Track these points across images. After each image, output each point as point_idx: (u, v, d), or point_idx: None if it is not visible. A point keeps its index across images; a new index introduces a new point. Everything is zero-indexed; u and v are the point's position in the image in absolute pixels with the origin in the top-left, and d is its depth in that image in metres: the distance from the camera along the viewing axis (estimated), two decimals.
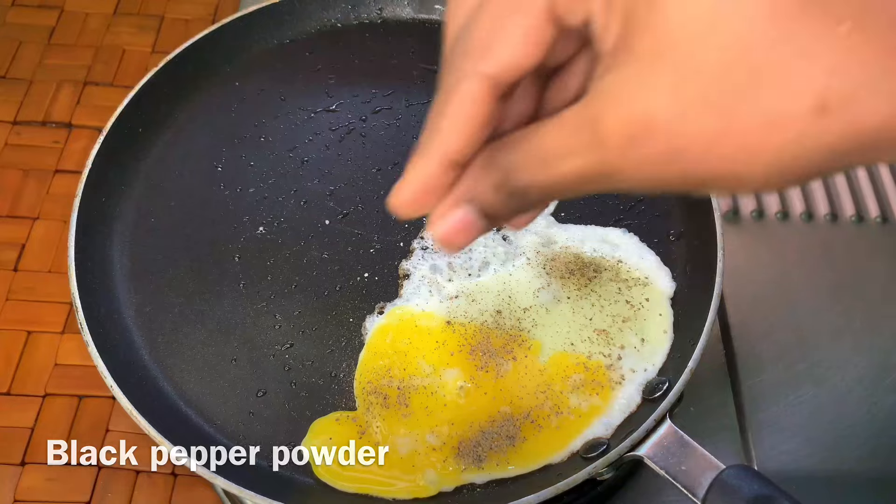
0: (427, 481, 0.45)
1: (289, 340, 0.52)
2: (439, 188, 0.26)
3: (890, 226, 0.69)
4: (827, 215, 0.69)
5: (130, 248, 0.56)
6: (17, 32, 0.85)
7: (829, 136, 0.20)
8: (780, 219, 0.69)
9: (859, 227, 0.69)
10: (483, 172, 0.26)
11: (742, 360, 0.61)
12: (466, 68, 0.24)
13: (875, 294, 0.64)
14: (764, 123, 0.20)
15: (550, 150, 0.24)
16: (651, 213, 0.56)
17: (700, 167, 0.22)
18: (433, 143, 0.25)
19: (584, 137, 0.23)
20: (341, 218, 0.57)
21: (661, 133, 0.21)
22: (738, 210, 0.70)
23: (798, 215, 0.69)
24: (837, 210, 0.70)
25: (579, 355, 0.49)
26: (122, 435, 0.61)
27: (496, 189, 0.26)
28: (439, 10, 0.68)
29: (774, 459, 0.56)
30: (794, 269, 0.66)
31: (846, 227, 0.69)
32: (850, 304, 0.63)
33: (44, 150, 0.77)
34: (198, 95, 0.63)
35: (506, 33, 0.24)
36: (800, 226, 0.69)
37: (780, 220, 0.69)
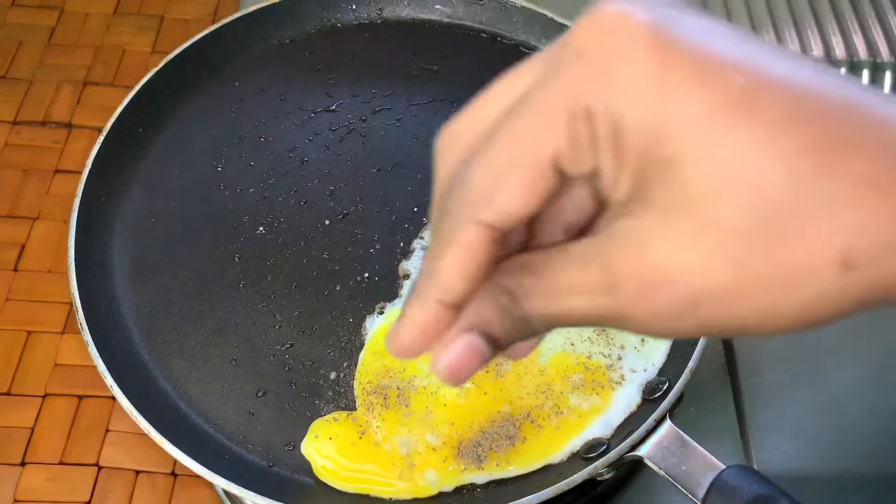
0: (427, 481, 0.45)
1: (289, 340, 0.52)
2: (438, 330, 0.25)
3: None
4: None
5: (130, 248, 0.56)
6: (17, 32, 0.85)
7: (854, 291, 0.21)
8: None
9: None
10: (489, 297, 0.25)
11: (742, 360, 0.61)
12: (464, 216, 0.24)
13: None
14: (787, 280, 0.20)
15: (559, 285, 0.23)
16: None
17: (719, 319, 0.22)
18: (430, 288, 0.25)
19: (596, 279, 0.22)
20: (341, 218, 0.57)
21: (678, 285, 0.21)
22: None
23: None
24: None
25: (579, 355, 0.49)
26: (123, 435, 0.61)
27: (502, 314, 0.25)
28: (439, 10, 0.68)
29: (774, 459, 0.56)
30: None
31: None
32: None
33: (44, 150, 0.77)
34: (198, 95, 0.63)
35: (507, 184, 0.23)
36: None
37: None
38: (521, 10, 0.65)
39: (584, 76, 0.22)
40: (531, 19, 0.65)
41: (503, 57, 0.65)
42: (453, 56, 0.65)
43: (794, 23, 0.75)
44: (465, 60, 0.65)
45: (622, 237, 0.22)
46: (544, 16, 0.64)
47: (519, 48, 0.66)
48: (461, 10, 0.67)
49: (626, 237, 0.22)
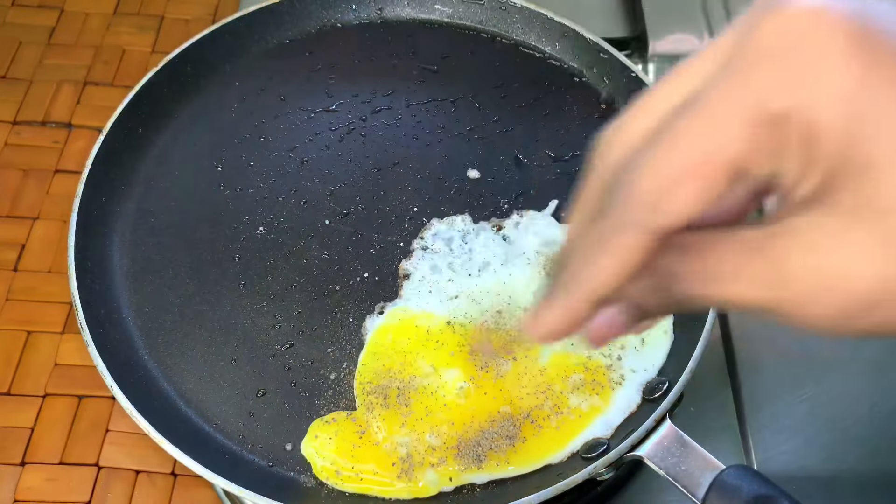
0: (427, 481, 0.45)
1: (289, 340, 0.52)
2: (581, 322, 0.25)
3: None
4: None
5: (130, 248, 0.56)
6: (17, 32, 0.85)
7: None
8: None
9: None
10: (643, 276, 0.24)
11: (742, 360, 0.61)
12: (631, 219, 0.23)
13: None
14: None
15: (723, 270, 0.23)
16: None
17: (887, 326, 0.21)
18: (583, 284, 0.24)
19: (765, 271, 0.22)
20: (341, 218, 0.57)
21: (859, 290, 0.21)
22: None
23: None
24: None
25: (579, 355, 0.49)
26: (122, 435, 0.61)
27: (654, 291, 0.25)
28: (439, 10, 0.68)
29: (774, 459, 0.56)
30: None
31: None
32: None
33: (44, 150, 0.77)
34: (198, 95, 0.63)
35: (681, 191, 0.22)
36: None
37: None
38: (521, 10, 0.65)
39: (774, 78, 0.21)
40: (531, 19, 0.65)
41: (503, 57, 0.65)
42: (453, 56, 0.65)
43: None
44: (465, 60, 0.65)
45: (799, 234, 0.22)
46: (544, 16, 0.64)
47: (519, 48, 0.66)
48: (461, 10, 0.67)
49: (803, 235, 0.21)
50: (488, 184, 0.58)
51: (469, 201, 0.57)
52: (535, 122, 0.61)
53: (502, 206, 0.57)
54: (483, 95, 0.63)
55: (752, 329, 0.62)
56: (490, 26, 0.67)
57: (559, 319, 0.25)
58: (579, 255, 0.25)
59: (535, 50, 0.66)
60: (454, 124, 0.61)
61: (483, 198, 0.57)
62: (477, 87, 0.63)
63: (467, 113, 0.62)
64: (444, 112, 0.62)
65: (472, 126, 0.61)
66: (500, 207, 0.57)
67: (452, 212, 0.56)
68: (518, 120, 0.61)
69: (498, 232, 0.55)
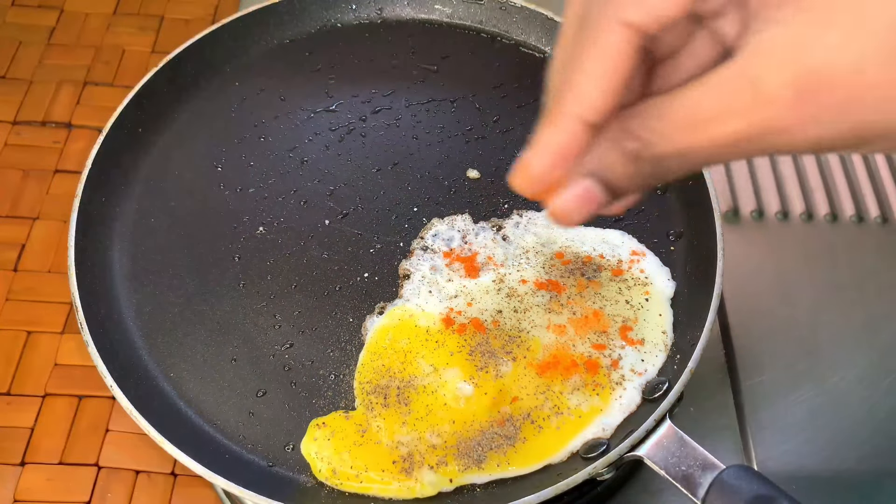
0: (427, 481, 0.45)
1: (289, 340, 0.52)
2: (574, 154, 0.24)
3: (890, 226, 0.69)
4: (827, 215, 0.69)
5: (130, 248, 0.56)
6: (17, 32, 0.85)
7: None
8: (781, 219, 0.69)
9: (859, 227, 0.69)
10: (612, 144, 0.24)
11: (742, 360, 0.61)
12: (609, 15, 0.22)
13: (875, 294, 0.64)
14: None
15: (703, 114, 0.22)
16: (651, 213, 0.56)
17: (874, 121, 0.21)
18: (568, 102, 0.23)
19: (745, 97, 0.22)
20: (341, 218, 0.57)
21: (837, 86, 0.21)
22: (738, 210, 0.70)
23: (798, 215, 0.69)
24: (837, 210, 0.70)
25: (579, 355, 0.49)
26: (122, 435, 0.61)
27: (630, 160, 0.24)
28: (439, 10, 0.68)
29: (774, 459, 0.56)
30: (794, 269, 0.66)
31: (846, 227, 0.69)
32: (850, 304, 0.63)
33: (44, 150, 0.77)
34: (198, 95, 0.63)
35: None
36: (800, 226, 0.69)
37: (780, 220, 0.69)
38: (521, 10, 0.65)
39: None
40: (530, 19, 0.65)
41: (503, 57, 0.65)
42: (453, 56, 0.65)
43: None
44: (465, 60, 0.65)
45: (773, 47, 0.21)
46: (543, 15, 0.64)
47: (518, 48, 0.66)
48: (461, 10, 0.67)
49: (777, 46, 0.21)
50: (488, 184, 0.58)
51: (469, 201, 0.57)
52: (534, 122, 0.61)
53: (502, 206, 0.57)
54: (483, 95, 0.63)
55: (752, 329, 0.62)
56: (490, 26, 0.67)
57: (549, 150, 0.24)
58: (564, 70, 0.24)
59: (535, 50, 0.66)
60: (454, 124, 0.61)
61: (483, 198, 0.57)
62: (477, 87, 0.63)
63: (467, 113, 0.62)
64: (444, 112, 0.62)
65: (472, 126, 0.61)
66: (500, 207, 0.57)
67: (452, 212, 0.57)
68: (518, 120, 0.61)
69: (498, 232, 0.55)
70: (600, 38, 0.23)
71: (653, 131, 0.23)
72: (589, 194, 0.25)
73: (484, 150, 0.60)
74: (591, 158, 0.24)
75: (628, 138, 0.24)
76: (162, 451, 0.45)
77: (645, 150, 0.24)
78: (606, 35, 0.23)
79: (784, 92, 0.21)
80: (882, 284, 0.65)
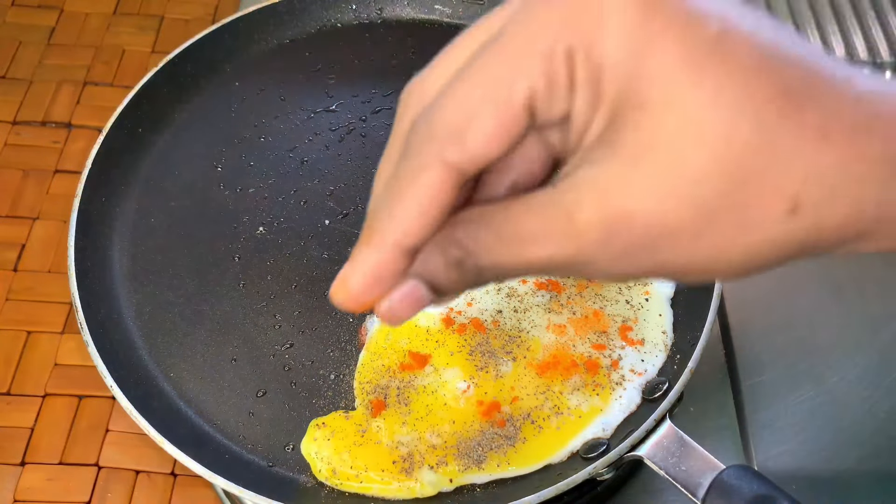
0: (427, 481, 0.45)
1: (289, 340, 0.52)
2: (391, 277, 0.25)
3: None
4: None
5: (130, 248, 0.56)
6: (17, 32, 0.85)
7: (798, 234, 0.22)
8: None
9: None
10: (437, 249, 0.25)
11: (742, 360, 0.61)
12: (431, 153, 0.23)
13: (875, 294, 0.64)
14: (740, 223, 0.22)
15: (520, 234, 0.23)
16: None
17: (673, 261, 0.22)
18: (386, 230, 0.24)
19: (559, 226, 0.23)
20: (341, 218, 0.57)
21: (640, 228, 0.22)
22: None
23: None
24: None
25: (579, 355, 0.49)
26: (122, 435, 0.61)
27: (452, 267, 0.25)
28: (439, 10, 0.68)
29: (774, 459, 0.56)
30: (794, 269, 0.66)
31: None
32: (850, 304, 0.63)
33: (44, 150, 0.77)
34: (198, 95, 0.63)
35: (479, 121, 0.22)
36: None
37: None
38: None
39: (567, 17, 0.22)
40: None
41: None
42: None
43: (793, 24, 0.75)
44: None
45: (587, 184, 0.22)
46: None
47: None
48: (461, 10, 0.67)
49: (591, 184, 0.22)
50: None
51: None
52: None
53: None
54: None
55: (752, 329, 0.62)
56: None
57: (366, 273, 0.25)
58: (383, 201, 0.25)
59: None
60: None
61: None
62: None
63: None
64: None
65: None
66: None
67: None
68: None
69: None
70: (420, 175, 0.23)
71: (475, 242, 0.24)
72: (415, 295, 0.26)
73: None
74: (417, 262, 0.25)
75: (452, 246, 0.25)
76: (162, 451, 0.45)
77: (467, 260, 0.24)
78: (427, 172, 0.23)
79: (592, 230, 0.22)
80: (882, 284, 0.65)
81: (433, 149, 0.23)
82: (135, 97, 0.60)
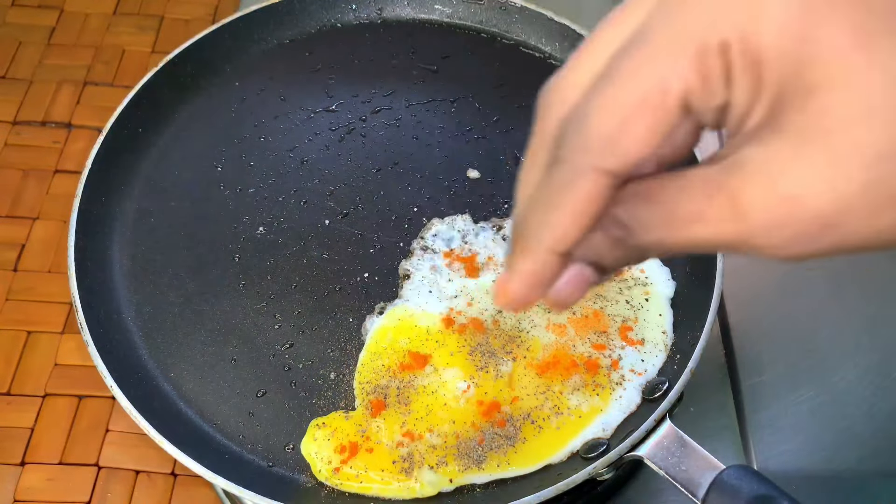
0: (427, 481, 0.45)
1: (289, 340, 0.52)
2: (549, 279, 0.25)
3: None
4: None
5: (130, 248, 0.56)
6: (17, 32, 0.85)
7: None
8: None
9: None
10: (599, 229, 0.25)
11: (742, 360, 0.61)
12: (585, 163, 0.23)
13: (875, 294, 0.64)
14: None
15: (682, 214, 0.23)
16: None
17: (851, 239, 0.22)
18: (543, 236, 0.24)
19: (723, 208, 0.22)
20: (341, 218, 0.57)
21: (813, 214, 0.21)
22: None
23: None
24: None
25: (579, 355, 0.49)
26: (122, 435, 0.61)
27: (614, 245, 0.25)
28: (439, 10, 0.68)
29: (774, 459, 0.56)
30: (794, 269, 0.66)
31: None
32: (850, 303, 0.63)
33: (44, 150, 0.77)
34: (198, 95, 0.63)
35: (633, 127, 0.22)
36: None
37: None
38: (521, 10, 0.65)
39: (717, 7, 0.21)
40: (531, 19, 0.65)
41: (503, 57, 0.65)
42: (453, 56, 0.65)
43: None
44: (465, 60, 0.65)
45: (752, 166, 0.22)
46: (544, 16, 0.64)
47: (519, 48, 0.66)
48: (461, 10, 0.67)
49: (756, 166, 0.22)
50: (488, 184, 0.58)
51: (469, 201, 0.57)
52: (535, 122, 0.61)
53: (502, 206, 0.57)
54: (483, 95, 0.63)
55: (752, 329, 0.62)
56: (490, 26, 0.67)
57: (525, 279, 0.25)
58: (536, 209, 0.25)
59: (535, 50, 0.66)
60: (454, 124, 0.61)
61: (483, 198, 0.57)
62: (477, 87, 0.63)
63: (467, 113, 0.62)
64: (444, 112, 0.62)
65: (472, 126, 0.61)
66: (500, 207, 0.57)
67: (452, 212, 0.57)
68: (518, 120, 0.61)
69: (498, 232, 0.55)
70: (576, 183, 0.23)
71: (636, 221, 0.24)
72: (581, 277, 0.26)
73: (484, 150, 0.60)
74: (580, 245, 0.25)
75: (613, 225, 0.25)
76: (162, 451, 0.45)
77: (629, 238, 0.24)
78: (582, 180, 0.23)
79: (759, 214, 0.22)
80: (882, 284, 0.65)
81: (586, 158, 0.23)
82: (135, 97, 0.60)
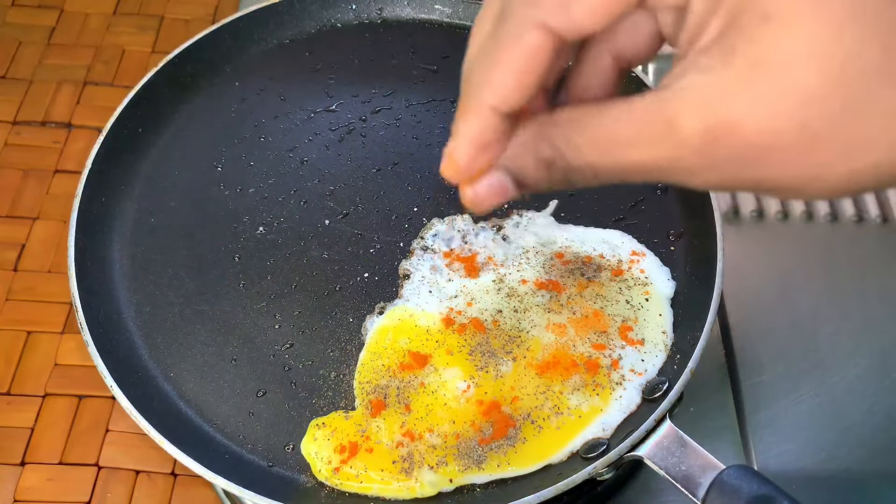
0: (427, 481, 0.45)
1: (289, 340, 0.52)
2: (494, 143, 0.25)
3: (890, 226, 0.69)
4: (827, 215, 0.69)
5: (130, 248, 0.56)
6: (17, 32, 0.85)
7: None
8: (780, 219, 0.69)
9: (859, 227, 0.69)
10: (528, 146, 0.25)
11: (742, 360, 0.61)
12: (532, 17, 0.23)
13: (875, 294, 0.64)
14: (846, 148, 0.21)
15: (619, 137, 0.23)
16: (651, 213, 0.56)
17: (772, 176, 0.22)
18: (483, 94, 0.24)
19: (660, 131, 0.22)
20: (341, 218, 0.57)
21: (745, 140, 0.21)
22: (738, 210, 0.70)
23: (798, 215, 0.69)
24: (837, 210, 0.70)
25: (579, 355, 0.49)
26: (122, 435, 0.61)
27: (541, 165, 0.25)
28: (439, 10, 0.68)
29: (774, 459, 0.56)
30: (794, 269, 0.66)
31: (846, 227, 0.69)
32: (850, 304, 0.63)
33: (44, 150, 0.77)
34: (198, 95, 0.63)
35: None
36: (800, 226, 0.69)
37: (780, 220, 0.69)
38: None
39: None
40: None
41: None
42: (453, 56, 0.65)
43: None
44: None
45: (694, 91, 0.22)
46: None
47: None
48: (461, 10, 0.67)
49: (699, 91, 0.22)
50: None
51: None
52: None
53: (502, 205, 0.57)
54: None
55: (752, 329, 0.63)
56: None
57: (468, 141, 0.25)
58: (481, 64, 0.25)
59: None
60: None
61: None
62: None
63: None
64: (444, 112, 0.62)
65: None
66: (500, 207, 0.57)
67: (452, 212, 0.57)
68: None
69: (498, 232, 0.55)
70: (521, 38, 0.23)
71: (568, 143, 0.24)
72: (500, 187, 0.27)
73: None
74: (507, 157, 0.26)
75: (544, 146, 0.25)
76: (162, 451, 0.45)
77: (559, 160, 0.25)
78: (527, 36, 0.23)
79: (695, 137, 0.22)
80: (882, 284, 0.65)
81: (534, 12, 0.23)
82: (135, 97, 0.60)
